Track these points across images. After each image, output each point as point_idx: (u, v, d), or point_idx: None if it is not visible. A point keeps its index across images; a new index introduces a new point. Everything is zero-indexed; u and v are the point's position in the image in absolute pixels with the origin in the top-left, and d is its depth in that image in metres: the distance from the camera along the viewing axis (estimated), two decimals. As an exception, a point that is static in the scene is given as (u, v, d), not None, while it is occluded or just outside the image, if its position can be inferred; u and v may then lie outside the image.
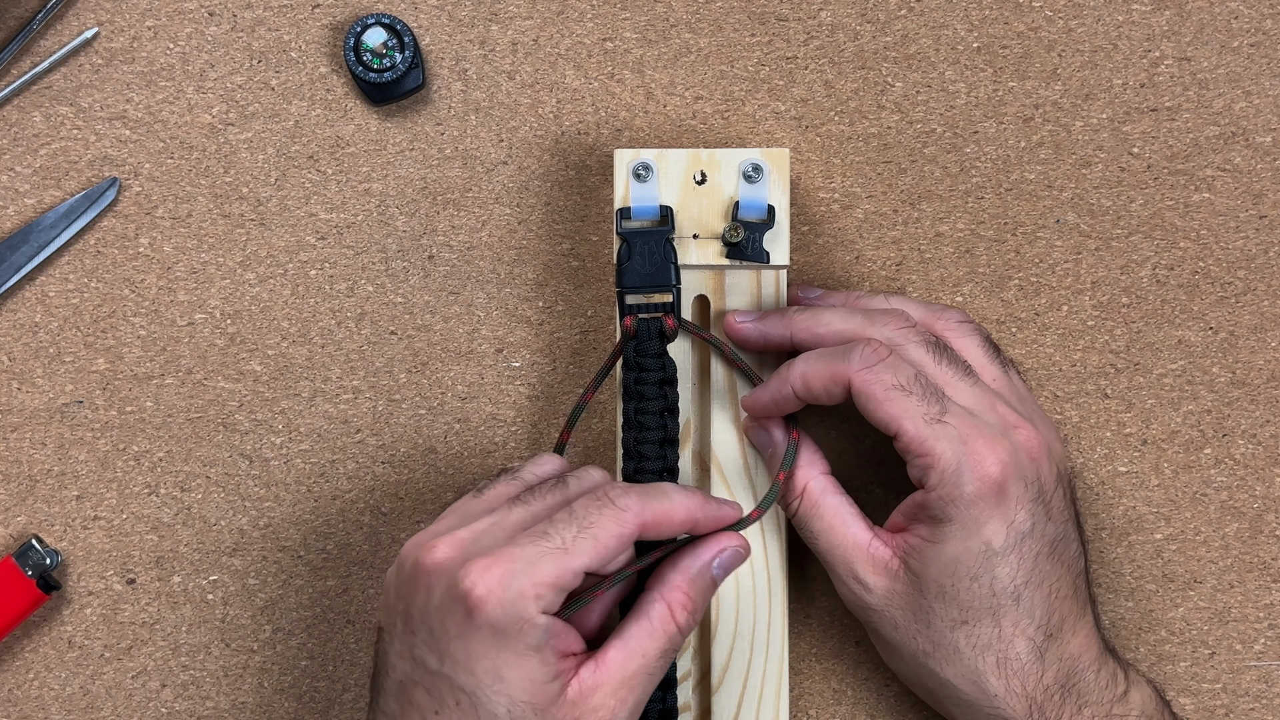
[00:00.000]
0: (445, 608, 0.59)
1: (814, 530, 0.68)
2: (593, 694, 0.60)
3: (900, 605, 0.66)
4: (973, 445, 0.63)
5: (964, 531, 0.64)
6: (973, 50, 0.75)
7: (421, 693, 0.60)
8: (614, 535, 0.60)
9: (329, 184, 0.75)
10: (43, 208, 0.75)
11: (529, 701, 0.59)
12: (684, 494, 0.63)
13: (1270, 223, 0.75)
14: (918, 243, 0.75)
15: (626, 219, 0.70)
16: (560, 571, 0.59)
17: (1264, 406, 0.75)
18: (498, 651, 0.58)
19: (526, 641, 0.58)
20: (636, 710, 0.61)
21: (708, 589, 0.63)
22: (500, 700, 0.58)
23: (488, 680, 0.58)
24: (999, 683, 0.64)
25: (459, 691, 0.59)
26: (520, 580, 0.58)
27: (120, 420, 0.75)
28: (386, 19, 0.74)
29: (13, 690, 0.75)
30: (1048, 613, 0.64)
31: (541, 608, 0.58)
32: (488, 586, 0.58)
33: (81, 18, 0.75)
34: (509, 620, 0.58)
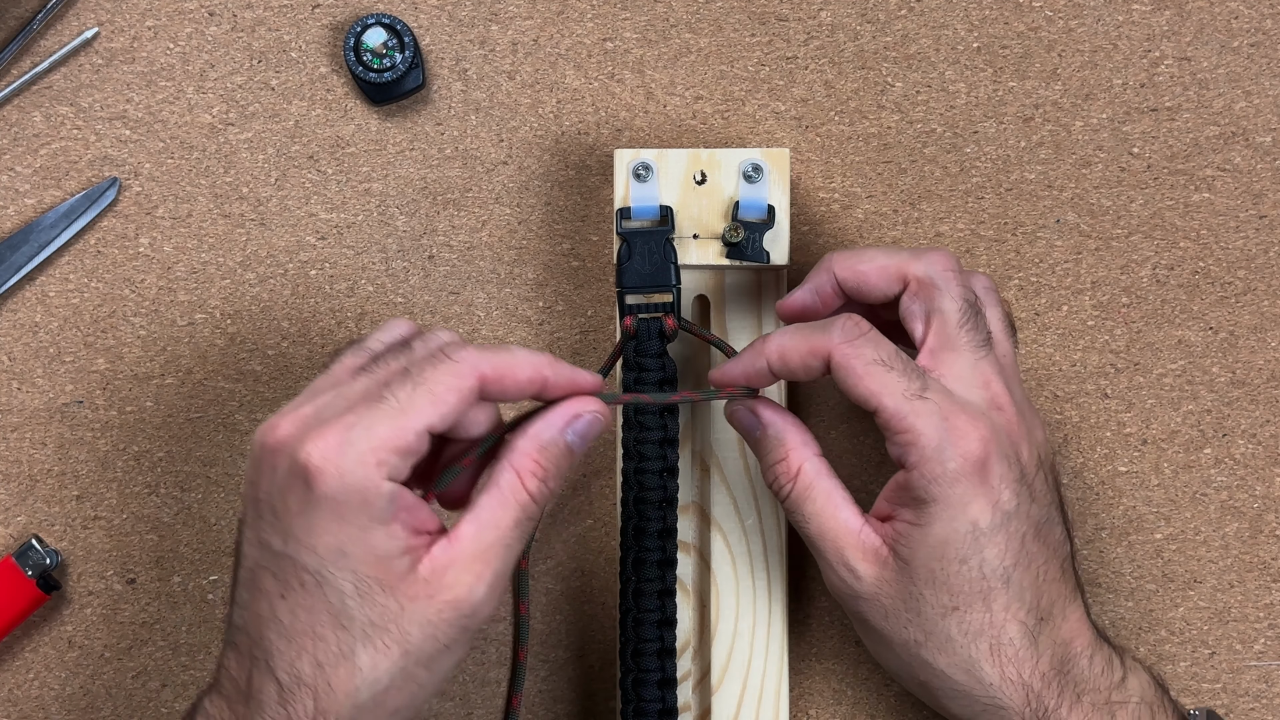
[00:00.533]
0: (286, 485, 0.57)
1: (805, 514, 0.65)
2: (446, 570, 0.57)
3: (890, 593, 0.63)
4: (954, 422, 0.61)
5: (949, 512, 0.62)
6: (973, 50, 0.75)
7: (269, 577, 0.58)
8: (450, 389, 0.58)
9: (329, 184, 0.75)
10: (43, 208, 0.75)
11: (376, 577, 0.56)
12: (531, 351, 0.60)
13: (1270, 223, 0.75)
14: (918, 243, 0.75)
15: (626, 219, 0.70)
16: (398, 431, 0.56)
17: (1264, 406, 0.75)
18: (340, 526, 0.56)
19: (370, 513, 0.56)
20: (496, 585, 0.59)
21: (561, 457, 0.60)
22: (345, 577, 0.56)
23: (331, 557, 0.56)
24: (993, 670, 0.63)
25: (304, 572, 0.57)
26: (358, 445, 0.56)
27: (120, 420, 0.75)
28: (386, 19, 0.74)
29: (13, 690, 0.75)
30: (1037, 595, 0.63)
31: (385, 474, 0.56)
32: (324, 455, 0.56)
33: (81, 18, 0.75)
34: (349, 489, 0.56)
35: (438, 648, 0.58)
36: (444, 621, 0.57)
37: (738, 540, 0.72)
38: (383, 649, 0.57)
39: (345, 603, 0.57)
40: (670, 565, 0.68)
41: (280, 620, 0.57)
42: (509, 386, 0.59)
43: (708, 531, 0.72)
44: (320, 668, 0.57)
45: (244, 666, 0.59)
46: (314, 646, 0.57)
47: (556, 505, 0.75)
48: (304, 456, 0.56)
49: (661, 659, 0.68)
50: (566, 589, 0.76)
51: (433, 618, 0.57)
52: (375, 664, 0.57)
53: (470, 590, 0.58)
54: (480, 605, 0.58)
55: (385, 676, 0.57)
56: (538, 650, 0.75)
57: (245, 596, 0.59)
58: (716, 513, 0.72)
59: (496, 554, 0.59)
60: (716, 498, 0.72)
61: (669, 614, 0.68)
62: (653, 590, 0.68)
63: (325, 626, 0.57)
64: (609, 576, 0.75)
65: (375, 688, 0.57)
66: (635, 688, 0.68)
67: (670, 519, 0.68)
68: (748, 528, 0.72)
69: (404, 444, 0.57)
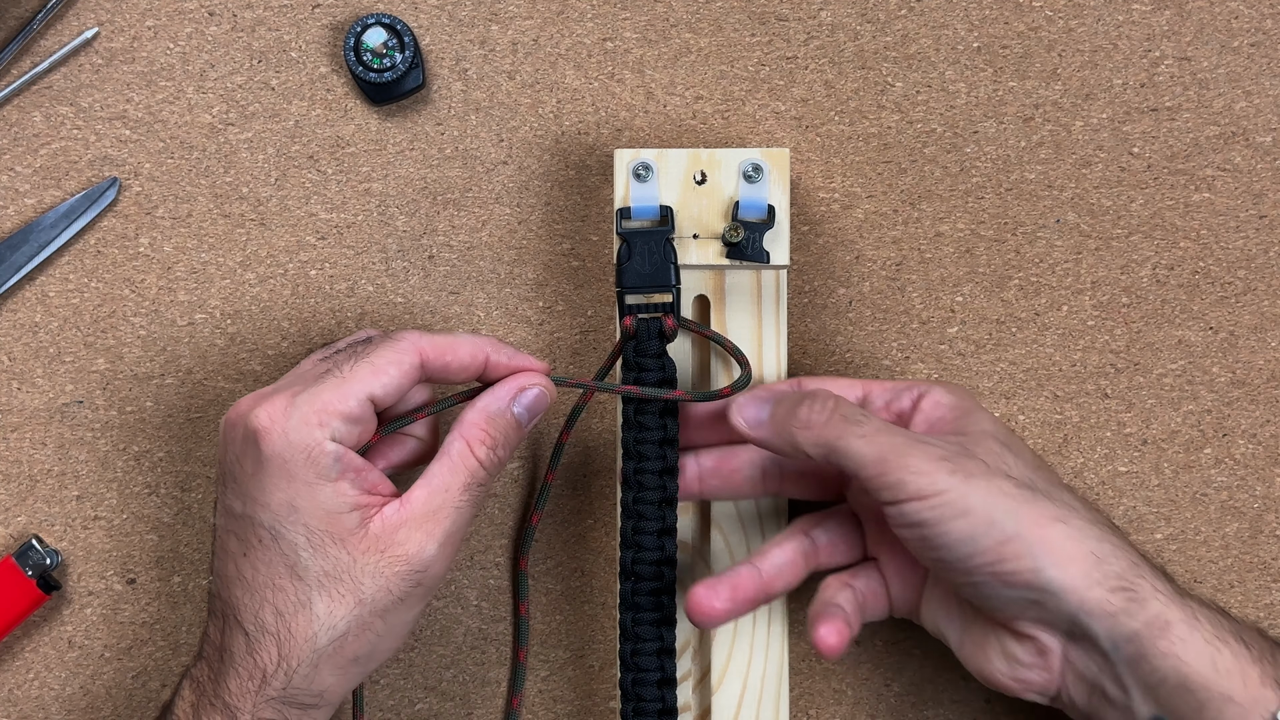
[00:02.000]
0: (242, 450, 0.62)
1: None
2: (398, 529, 0.62)
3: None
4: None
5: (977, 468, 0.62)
6: (973, 50, 0.75)
7: (233, 539, 0.63)
8: (391, 362, 0.63)
9: (329, 184, 0.75)
10: (43, 208, 0.75)
11: (327, 531, 0.61)
12: (475, 335, 0.66)
13: (1270, 223, 0.75)
14: (918, 243, 0.75)
15: (626, 219, 0.70)
16: (340, 397, 0.62)
17: (1264, 406, 0.75)
18: (289, 483, 0.61)
19: (316, 470, 0.61)
20: (447, 544, 0.62)
21: (510, 428, 0.65)
22: (298, 531, 0.61)
23: (283, 512, 0.61)
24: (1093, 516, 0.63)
25: (260, 529, 0.61)
26: (301, 408, 0.61)
27: (120, 420, 0.75)
28: (386, 19, 0.74)
29: (13, 690, 0.75)
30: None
31: (329, 435, 0.61)
32: (270, 417, 0.61)
33: (81, 18, 0.75)
34: (294, 448, 0.61)
35: (391, 600, 0.62)
36: (395, 575, 0.61)
37: (738, 540, 0.72)
38: (337, 597, 0.61)
39: (299, 555, 0.61)
40: (670, 564, 0.68)
41: (244, 576, 0.62)
42: (451, 364, 0.64)
43: (707, 532, 0.72)
44: (281, 616, 0.61)
45: (219, 627, 0.63)
46: (274, 597, 0.61)
47: (556, 505, 0.75)
48: (253, 420, 0.62)
49: (661, 658, 0.68)
50: (566, 589, 0.76)
51: (385, 570, 0.61)
52: (331, 611, 0.61)
53: (421, 547, 0.62)
54: (431, 562, 0.62)
55: (342, 623, 0.61)
56: (537, 650, 0.75)
57: (217, 564, 0.63)
58: (716, 513, 0.72)
59: (447, 515, 0.63)
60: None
61: (668, 613, 0.68)
62: (652, 590, 0.68)
63: (283, 578, 0.61)
64: (609, 576, 0.75)
65: (333, 634, 0.61)
66: (635, 687, 0.68)
67: (670, 519, 0.68)
68: (747, 528, 0.72)
69: (345, 409, 0.62)
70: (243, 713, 0.61)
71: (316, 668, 0.62)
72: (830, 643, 0.64)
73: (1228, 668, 0.60)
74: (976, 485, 0.60)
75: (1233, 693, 0.60)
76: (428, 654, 0.75)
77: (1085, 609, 0.60)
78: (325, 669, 0.62)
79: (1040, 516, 0.61)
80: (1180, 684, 0.60)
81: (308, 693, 0.62)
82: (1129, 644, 0.60)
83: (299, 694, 0.62)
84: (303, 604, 0.61)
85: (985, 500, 0.60)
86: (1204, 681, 0.60)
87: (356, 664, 0.63)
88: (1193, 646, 0.60)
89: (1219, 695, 0.60)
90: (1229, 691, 0.60)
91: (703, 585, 0.65)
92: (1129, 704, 0.61)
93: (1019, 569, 0.60)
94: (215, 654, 0.63)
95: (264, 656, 0.61)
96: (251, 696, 0.61)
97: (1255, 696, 0.60)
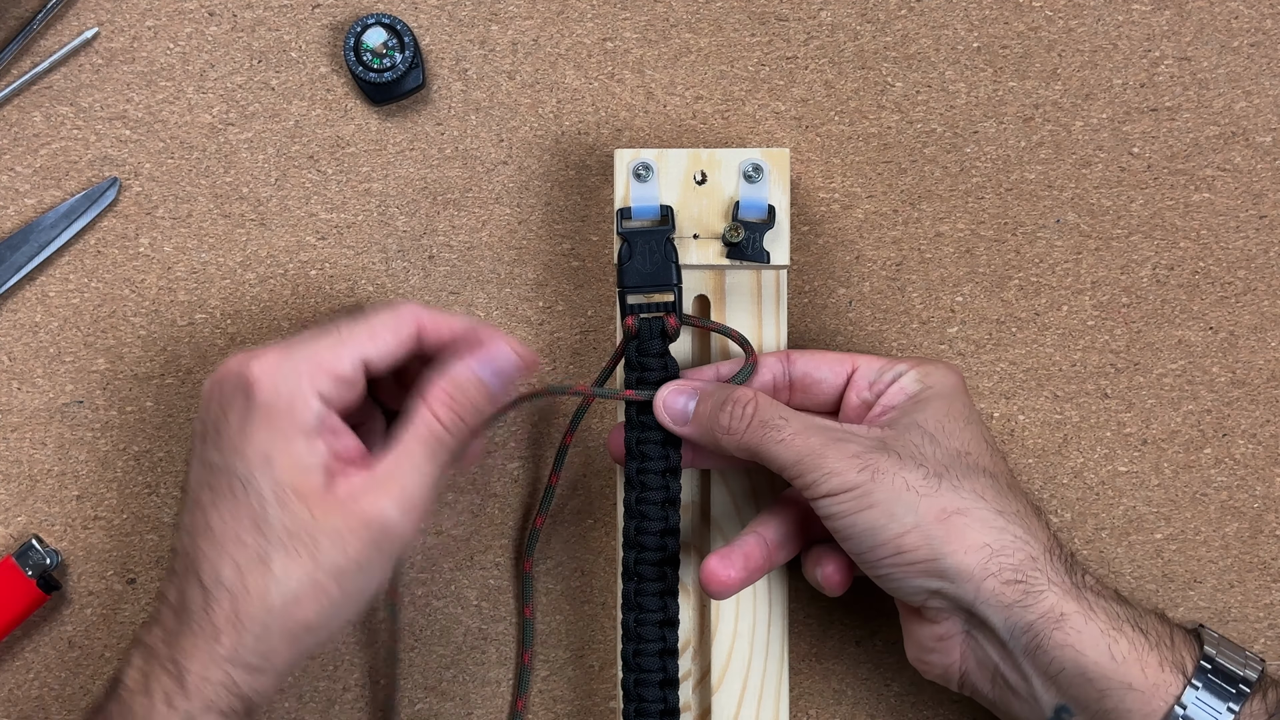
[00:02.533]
0: (230, 401, 0.62)
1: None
2: (363, 494, 0.62)
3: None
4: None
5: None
6: (973, 50, 0.75)
7: (206, 491, 0.62)
8: (388, 328, 0.64)
9: (329, 184, 0.75)
10: (43, 208, 0.75)
11: (294, 485, 0.61)
12: (475, 319, 0.67)
13: (1270, 223, 0.75)
14: (918, 243, 0.75)
15: (627, 219, 0.70)
16: (334, 356, 0.62)
17: (1264, 406, 0.75)
18: (269, 433, 0.61)
19: (297, 422, 0.61)
20: (408, 507, 0.62)
21: (477, 393, 0.65)
22: (267, 483, 0.61)
23: (258, 462, 0.61)
24: (1019, 500, 0.66)
25: (234, 479, 0.61)
26: (294, 361, 0.62)
27: (120, 420, 0.75)
28: (386, 19, 0.74)
29: (13, 690, 0.75)
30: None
31: (316, 390, 0.62)
32: (264, 368, 0.62)
33: (81, 18, 0.75)
34: (281, 397, 0.61)
35: (348, 562, 0.61)
36: (353, 536, 0.61)
37: (738, 540, 0.72)
38: (294, 556, 0.61)
39: (266, 509, 0.61)
40: (673, 565, 0.68)
41: (211, 528, 0.62)
42: (442, 332, 0.65)
43: (707, 531, 0.72)
44: (239, 571, 0.61)
45: (177, 586, 0.63)
46: (236, 550, 0.61)
47: (557, 505, 0.75)
48: (247, 371, 0.62)
49: (664, 659, 0.68)
50: (566, 589, 0.76)
51: (343, 530, 0.61)
52: (287, 570, 0.61)
53: (382, 510, 0.61)
54: (391, 525, 0.62)
55: (295, 584, 0.61)
56: (537, 650, 0.75)
57: (185, 519, 0.63)
58: (716, 513, 0.72)
59: (409, 477, 0.62)
60: (716, 497, 0.72)
61: (671, 614, 0.68)
62: (655, 590, 0.68)
63: (247, 532, 0.61)
64: (609, 576, 0.75)
65: (285, 594, 0.61)
66: (637, 688, 0.68)
67: (673, 519, 0.68)
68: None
69: (337, 368, 0.62)
70: (191, 673, 0.61)
71: (268, 628, 0.61)
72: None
73: (1125, 656, 0.62)
74: (882, 481, 0.63)
75: (1132, 680, 0.62)
76: (428, 654, 0.75)
77: (981, 599, 0.63)
78: (276, 631, 0.61)
79: (941, 509, 0.63)
80: (1079, 674, 0.62)
81: (256, 654, 0.61)
82: (1025, 634, 0.63)
83: (247, 655, 0.61)
84: (261, 559, 0.61)
85: (888, 495, 0.63)
86: (1102, 671, 0.62)
87: (308, 632, 0.62)
88: (1088, 637, 0.62)
89: (1119, 684, 0.62)
90: (1128, 679, 0.62)
91: (715, 557, 0.66)
92: (1032, 693, 0.64)
93: (918, 559, 0.63)
94: (170, 614, 0.62)
95: (218, 613, 0.61)
96: (202, 655, 0.61)
97: (1155, 682, 0.62)
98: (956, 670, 0.66)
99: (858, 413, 0.68)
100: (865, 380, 0.69)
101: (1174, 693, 0.62)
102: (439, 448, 0.63)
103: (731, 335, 0.69)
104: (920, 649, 0.67)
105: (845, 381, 0.69)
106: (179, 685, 0.60)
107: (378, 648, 0.75)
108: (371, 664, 0.75)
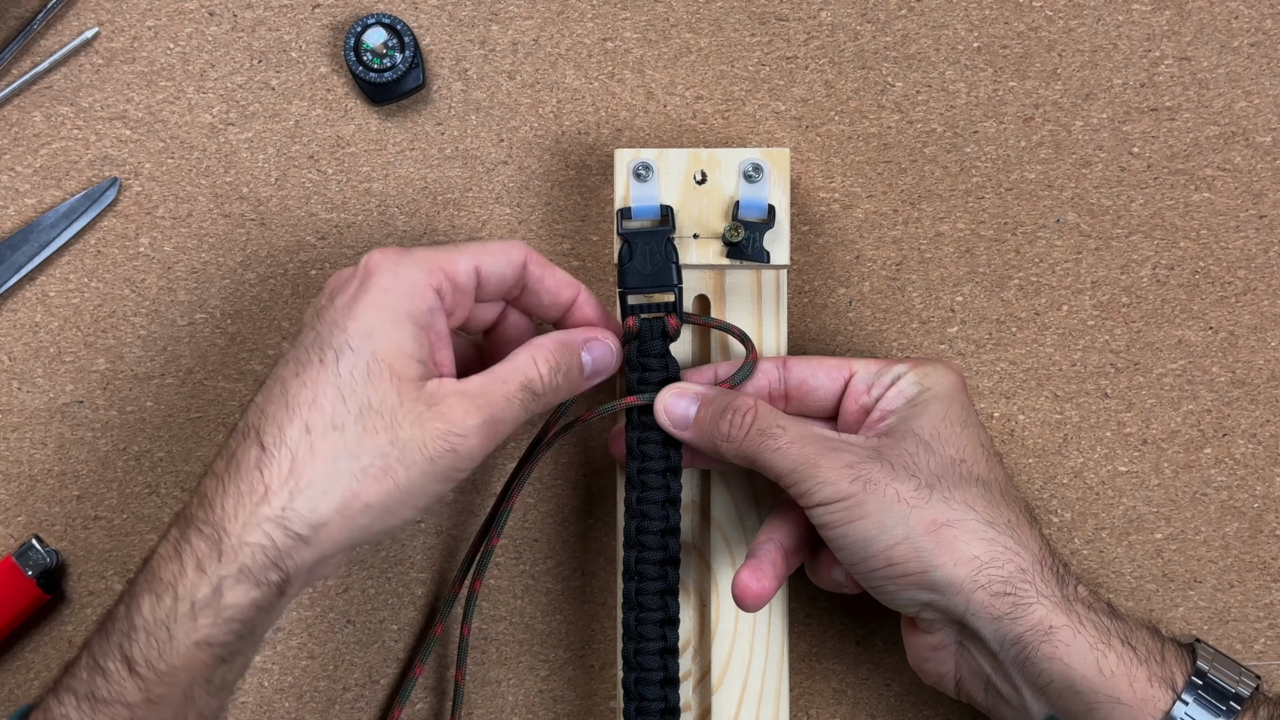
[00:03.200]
0: (345, 284, 0.63)
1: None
2: (448, 396, 0.61)
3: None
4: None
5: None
6: (973, 50, 0.75)
7: (290, 364, 0.61)
8: (500, 249, 0.65)
9: (329, 184, 0.75)
10: (43, 208, 0.75)
11: (389, 363, 0.61)
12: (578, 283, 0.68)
13: (1270, 223, 0.75)
14: (918, 243, 0.75)
15: (627, 219, 0.70)
16: (451, 260, 0.63)
17: (1264, 406, 0.75)
18: (378, 312, 0.61)
19: (409, 309, 0.62)
20: (486, 429, 0.62)
21: (574, 365, 0.66)
22: (363, 355, 0.61)
23: (359, 336, 0.61)
24: (1011, 509, 0.66)
25: (326, 348, 0.61)
26: (416, 257, 0.63)
27: (120, 420, 0.75)
28: (386, 19, 0.74)
29: (13, 690, 0.75)
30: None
31: (434, 284, 0.62)
32: (385, 256, 0.63)
33: (81, 18, 0.75)
34: (400, 281, 0.62)
35: (421, 456, 0.60)
36: (434, 431, 0.61)
37: (738, 540, 0.72)
38: (372, 431, 0.60)
39: (354, 377, 0.60)
40: (674, 564, 0.68)
41: (287, 393, 0.60)
42: (547, 283, 0.67)
43: (708, 531, 0.72)
44: (309, 432, 0.60)
45: (228, 453, 0.61)
46: (310, 413, 0.60)
47: (557, 505, 0.75)
48: (367, 259, 0.63)
49: (664, 658, 0.68)
50: (566, 589, 0.76)
51: (424, 423, 0.61)
52: (361, 442, 0.60)
53: (465, 415, 0.61)
54: (468, 433, 0.61)
55: (367, 457, 0.60)
56: (538, 650, 0.75)
57: (258, 398, 0.62)
58: (716, 513, 0.72)
59: (495, 403, 0.62)
60: (716, 498, 0.72)
61: (672, 613, 0.68)
62: (656, 589, 0.68)
63: (327, 398, 0.60)
64: (609, 576, 0.75)
65: (355, 464, 0.60)
66: (638, 687, 0.68)
67: (674, 518, 0.68)
68: (748, 528, 0.72)
69: (454, 270, 0.63)
70: (229, 534, 0.58)
71: (325, 494, 0.59)
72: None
73: (1114, 670, 0.62)
74: (874, 491, 0.63)
75: (1120, 694, 0.62)
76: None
77: (971, 610, 0.63)
78: (334, 499, 0.59)
79: (931, 520, 0.63)
80: (1067, 686, 0.62)
81: (305, 521, 0.59)
82: (1014, 646, 0.63)
83: (295, 519, 0.59)
84: (336, 425, 0.60)
85: (880, 505, 0.63)
86: (1090, 684, 0.62)
87: (365, 513, 0.60)
88: (1077, 651, 0.62)
89: (1107, 698, 0.62)
90: (1116, 693, 0.62)
91: (747, 570, 0.67)
92: (1023, 703, 0.64)
93: (909, 571, 0.63)
94: (215, 482, 0.60)
95: (272, 471, 0.59)
96: (245, 514, 0.58)
97: (1144, 697, 0.62)
98: (952, 679, 0.67)
99: (856, 418, 0.68)
100: (863, 384, 0.68)
101: (1162, 708, 0.62)
102: (529, 389, 0.64)
103: (732, 331, 0.69)
104: (918, 657, 0.67)
105: (842, 388, 0.69)
106: (214, 548, 0.58)
107: (378, 647, 0.75)
108: (371, 664, 0.75)
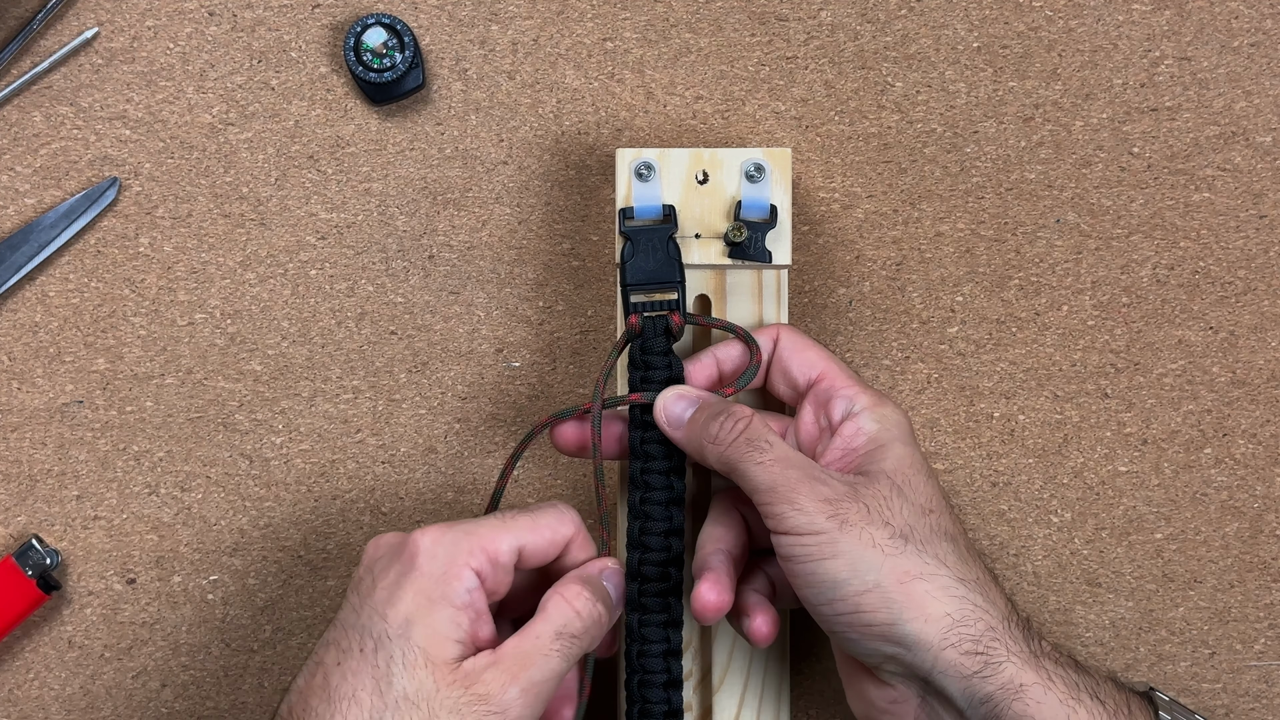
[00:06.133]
0: (390, 560, 0.63)
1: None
2: (485, 670, 0.61)
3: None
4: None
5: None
6: (973, 50, 0.75)
7: (331, 651, 0.62)
8: (549, 525, 0.65)
9: (329, 184, 0.75)
10: (43, 208, 0.75)
11: (426, 652, 0.61)
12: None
13: (1270, 223, 0.75)
14: (918, 243, 0.75)
15: (629, 219, 0.70)
16: (493, 538, 0.63)
17: (1264, 406, 0.75)
18: (416, 598, 0.61)
19: (446, 593, 0.61)
20: (529, 691, 0.61)
21: (603, 593, 0.65)
22: (400, 645, 0.61)
23: (397, 625, 0.61)
24: (976, 567, 0.64)
25: (368, 638, 0.61)
26: (457, 535, 0.63)
27: (120, 420, 0.75)
28: (386, 19, 0.74)
29: (13, 690, 0.75)
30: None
31: (473, 565, 0.62)
32: (430, 538, 0.63)
33: (81, 18, 0.75)
34: (438, 563, 0.62)
35: None
36: (472, 714, 0.60)
37: (738, 540, 0.72)
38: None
39: (391, 669, 0.60)
40: (677, 565, 0.68)
41: (329, 685, 0.61)
42: (576, 554, 0.66)
43: (708, 531, 0.72)
44: None
45: None
46: (349, 708, 0.60)
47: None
48: (413, 538, 0.63)
49: (667, 660, 0.68)
50: (567, 589, 0.76)
51: (462, 707, 0.60)
52: None
53: (503, 689, 0.61)
54: (509, 705, 0.61)
55: None
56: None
57: (300, 680, 0.62)
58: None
59: (534, 661, 0.62)
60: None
61: (675, 615, 0.68)
62: (659, 591, 0.68)
63: (365, 691, 0.60)
64: (609, 576, 0.75)
65: None
66: (641, 689, 0.67)
67: (677, 519, 0.68)
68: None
69: (494, 550, 0.63)
70: None
71: None
72: (763, 632, 0.67)
73: None
74: (849, 533, 0.62)
75: None
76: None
77: (939, 669, 0.62)
78: None
79: (904, 572, 0.62)
80: None
81: None
82: (984, 705, 0.62)
83: None
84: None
85: (853, 549, 0.62)
86: None
87: None
88: (1048, 708, 0.61)
89: None
90: None
91: (706, 584, 0.66)
92: None
93: (875, 621, 0.62)
94: None
95: None
96: None
97: None
98: None
99: (808, 432, 0.68)
100: (825, 395, 0.68)
101: None
102: (567, 633, 0.63)
103: (735, 332, 0.69)
104: (870, 708, 0.65)
105: (808, 384, 0.68)
106: None
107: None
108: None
